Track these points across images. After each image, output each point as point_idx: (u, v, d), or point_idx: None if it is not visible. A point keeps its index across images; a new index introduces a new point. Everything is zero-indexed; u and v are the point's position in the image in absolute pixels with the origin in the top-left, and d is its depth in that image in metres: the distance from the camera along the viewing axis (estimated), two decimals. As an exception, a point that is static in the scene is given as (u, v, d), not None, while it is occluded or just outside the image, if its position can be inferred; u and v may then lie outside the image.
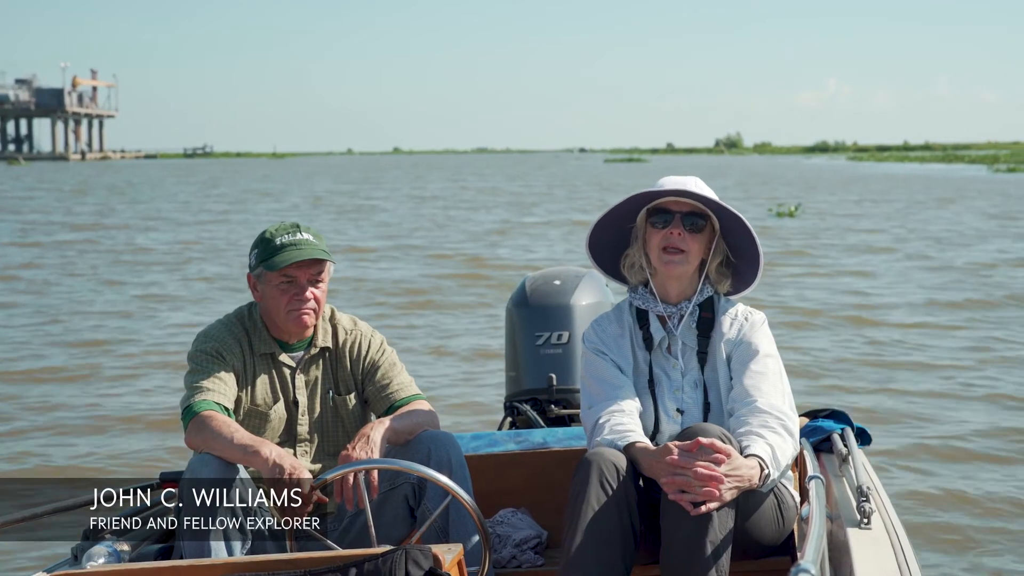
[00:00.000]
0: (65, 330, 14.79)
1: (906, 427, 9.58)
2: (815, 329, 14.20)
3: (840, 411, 5.03)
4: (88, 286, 19.01)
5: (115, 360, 12.80)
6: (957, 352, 12.64)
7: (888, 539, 3.54)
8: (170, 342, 13.65)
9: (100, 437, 9.79)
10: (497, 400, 9.29)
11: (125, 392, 11.43)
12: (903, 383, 11.10)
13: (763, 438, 3.73)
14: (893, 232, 27.77)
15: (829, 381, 11.20)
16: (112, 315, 15.96)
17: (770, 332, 4.05)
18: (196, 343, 4.14)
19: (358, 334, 4.26)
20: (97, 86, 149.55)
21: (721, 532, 3.58)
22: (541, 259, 21.41)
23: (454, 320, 15.23)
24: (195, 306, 16.66)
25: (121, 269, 21.41)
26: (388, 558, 3.16)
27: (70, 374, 12.26)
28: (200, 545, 3.74)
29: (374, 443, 3.92)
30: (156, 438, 9.68)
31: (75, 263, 22.47)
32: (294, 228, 4.13)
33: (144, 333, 14.44)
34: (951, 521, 7.41)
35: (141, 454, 9.25)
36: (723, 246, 4.01)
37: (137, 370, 12.31)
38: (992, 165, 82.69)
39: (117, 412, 10.59)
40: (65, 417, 10.45)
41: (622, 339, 4.05)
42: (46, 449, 9.42)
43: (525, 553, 4.30)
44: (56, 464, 8.99)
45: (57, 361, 12.87)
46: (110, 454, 9.28)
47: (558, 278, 5.92)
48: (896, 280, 18.77)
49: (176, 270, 21.12)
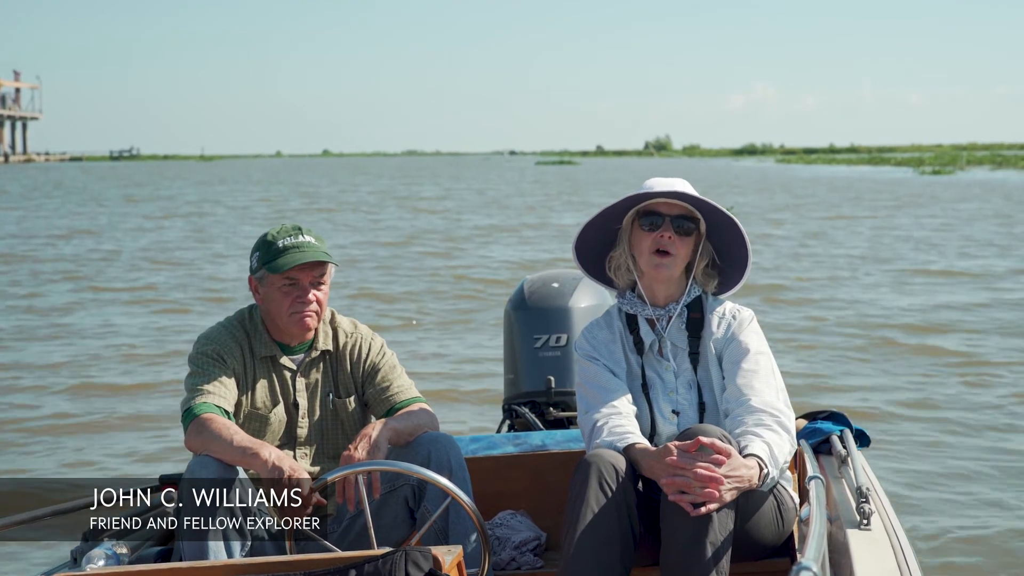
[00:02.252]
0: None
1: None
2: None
3: (838, 412, 5.04)
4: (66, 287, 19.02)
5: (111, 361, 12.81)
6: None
7: (888, 540, 3.54)
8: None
9: (99, 438, 9.79)
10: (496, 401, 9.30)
11: (125, 393, 11.44)
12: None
13: (760, 437, 3.73)
14: (797, 226, 27.78)
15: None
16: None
17: (760, 329, 4.05)
18: (197, 345, 4.14)
19: (358, 337, 4.27)
20: (20, 87, 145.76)
21: (721, 533, 3.58)
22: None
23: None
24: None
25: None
26: (388, 560, 3.16)
27: (68, 376, 12.27)
28: (200, 546, 3.74)
29: (376, 443, 3.93)
30: (156, 440, 9.68)
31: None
32: (296, 230, 4.13)
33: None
34: (951, 522, 7.42)
35: (141, 456, 9.25)
36: (709, 248, 4.01)
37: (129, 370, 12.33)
38: (918, 168, 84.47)
39: (117, 413, 10.59)
40: (63, 418, 10.46)
41: (613, 344, 4.05)
42: (45, 450, 9.42)
43: (524, 555, 4.31)
44: (55, 466, 8.99)
45: (55, 361, 12.91)
46: (109, 455, 9.28)
47: (556, 280, 5.92)
48: (839, 281, 18.83)
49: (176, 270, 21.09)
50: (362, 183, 68.14)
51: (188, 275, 20.86)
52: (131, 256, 24.36)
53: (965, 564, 6.76)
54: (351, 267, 20.26)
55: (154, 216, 37.52)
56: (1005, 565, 6.75)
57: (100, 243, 27.56)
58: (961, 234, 27.30)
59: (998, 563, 6.78)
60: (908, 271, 19.87)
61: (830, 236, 27.20)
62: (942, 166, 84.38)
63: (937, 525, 7.36)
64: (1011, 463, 8.60)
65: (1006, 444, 9.10)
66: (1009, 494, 7.90)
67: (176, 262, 23.04)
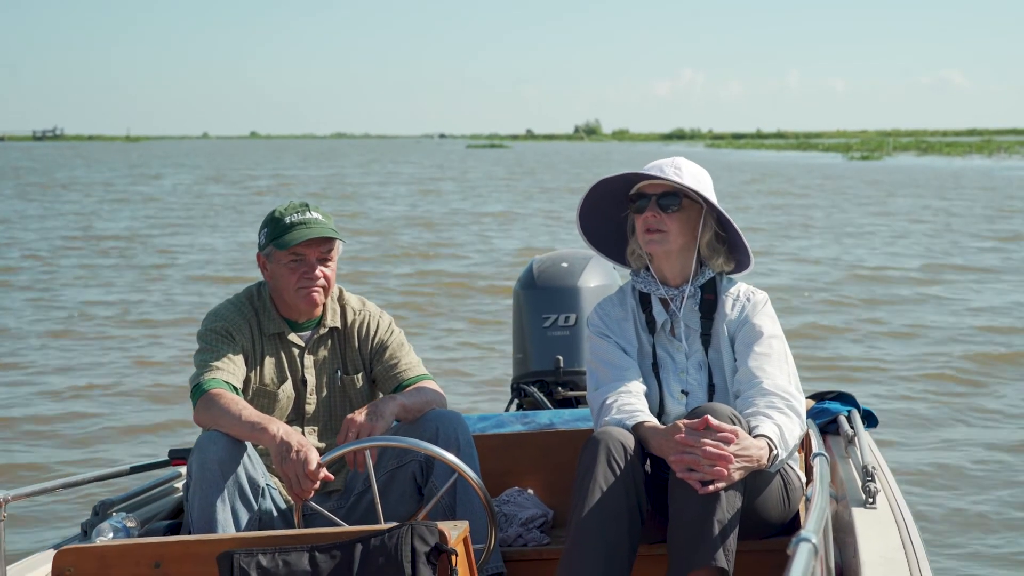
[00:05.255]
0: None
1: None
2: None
3: (847, 393, 5.05)
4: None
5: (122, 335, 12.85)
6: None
7: (893, 519, 3.55)
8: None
9: (110, 414, 9.83)
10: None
11: (135, 368, 11.48)
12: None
13: (771, 418, 3.73)
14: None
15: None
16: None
17: (773, 312, 4.05)
18: (205, 322, 4.15)
19: (367, 314, 4.28)
20: None
21: (729, 511, 3.59)
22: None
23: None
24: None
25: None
26: (394, 534, 3.18)
27: (77, 350, 12.33)
28: (208, 521, 3.77)
29: (380, 413, 3.94)
30: (165, 415, 9.72)
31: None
32: (303, 207, 4.14)
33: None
34: (957, 502, 7.42)
35: (150, 431, 9.29)
36: (712, 222, 4.01)
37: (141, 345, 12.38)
38: (847, 153, 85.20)
39: (127, 389, 10.64)
40: (75, 394, 10.50)
41: (625, 322, 4.06)
42: (56, 426, 9.47)
43: (531, 531, 4.32)
44: (66, 440, 9.04)
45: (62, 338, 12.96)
46: (120, 430, 9.33)
47: (565, 260, 5.92)
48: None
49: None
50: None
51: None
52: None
53: (972, 543, 6.77)
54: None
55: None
56: (1009, 542, 6.76)
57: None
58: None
59: (1004, 541, 6.79)
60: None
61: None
62: (870, 151, 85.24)
63: (944, 503, 7.37)
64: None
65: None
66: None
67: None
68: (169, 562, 3.24)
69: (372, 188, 43.46)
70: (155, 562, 3.24)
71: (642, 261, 4.06)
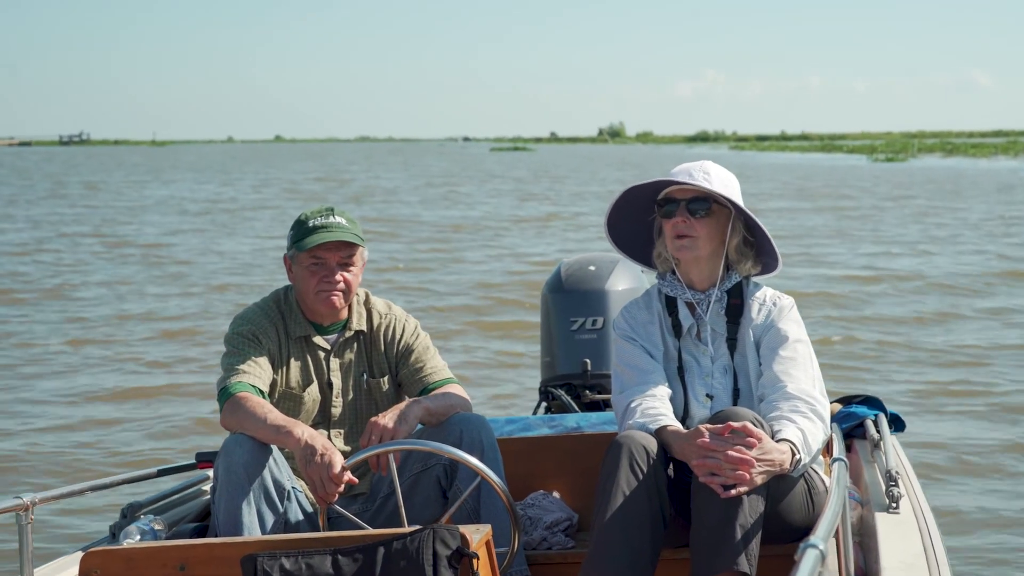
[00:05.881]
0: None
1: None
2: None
3: (874, 397, 5.04)
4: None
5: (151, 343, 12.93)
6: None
7: (916, 523, 3.54)
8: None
9: (138, 418, 9.90)
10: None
11: (162, 373, 11.55)
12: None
13: (794, 423, 3.73)
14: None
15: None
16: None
17: (799, 317, 4.04)
18: (233, 326, 4.19)
19: (392, 318, 4.30)
20: None
21: (751, 516, 3.59)
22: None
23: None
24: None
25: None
26: (415, 537, 3.19)
27: (103, 355, 12.43)
28: (234, 524, 3.79)
29: (405, 416, 3.96)
30: (193, 419, 9.78)
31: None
32: (327, 211, 4.17)
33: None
34: (984, 507, 7.38)
35: (178, 435, 9.35)
36: (740, 226, 4.01)
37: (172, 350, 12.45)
38: (871, 155, 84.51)
39: (155, 393, 10.71)
40: (103, 398, 10.58)
41: (651, 325, 4.06)
42: (85, 429, 9.54)
43: (556, 535, 4.33)
44: (95, 444, 9.10)
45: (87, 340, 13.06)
46: (148, 434, 9.39)
47: (593, 263, 5.93)
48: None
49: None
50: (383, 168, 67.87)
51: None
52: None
53: (996, 549, 6.73)
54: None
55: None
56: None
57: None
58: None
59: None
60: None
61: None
62: (895, 153, 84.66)
63: (969, 510, 7.33)
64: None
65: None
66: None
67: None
68: (194, 565, 3.27)
69: (399, 192, 43.50)
70: (180, 564, 3.27)
71: (668, 264, 4.07)
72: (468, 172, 63.54)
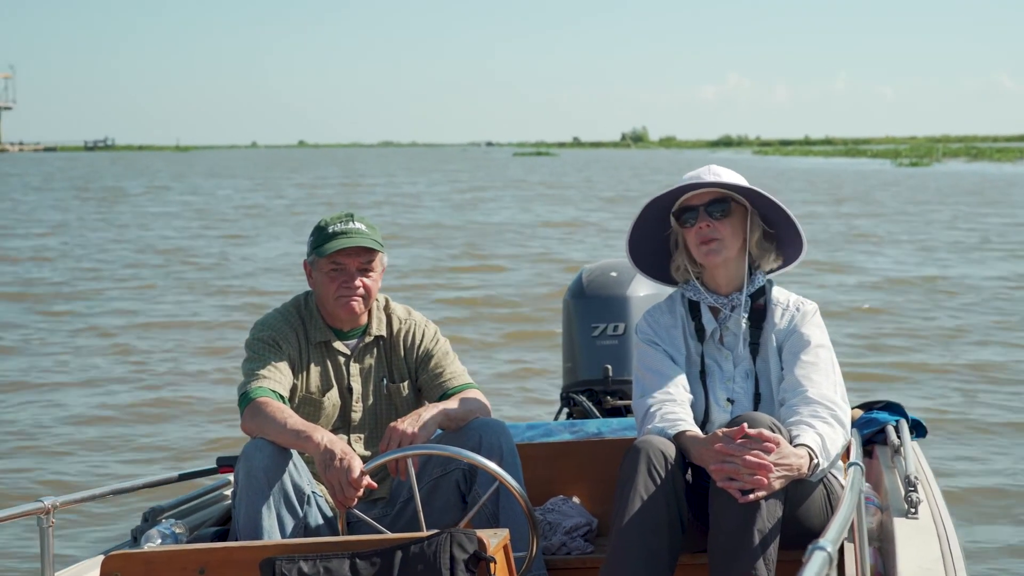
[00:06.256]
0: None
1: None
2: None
3: (895, 403, 5.03)
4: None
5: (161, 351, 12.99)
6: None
7: (935, 529, 3.53)
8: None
9: (158, 422, 9.95)
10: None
11: (183, 378, 11.61)
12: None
13: (813, 428, 3.73)
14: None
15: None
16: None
17: (822, 322, 4.04)
18: (253, 331, 4.22)
19: (412, 323, 4.32)
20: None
21: (769, 521, 3.58)
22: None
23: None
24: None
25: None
26: (433, 542, 3.21)
27: (124, 360, 12.49)
28: (254, 528, 3.82)
29: (424, 422, 3.97)
30: (214, 423, 9.82)
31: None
32: (347, 217, 4.20)
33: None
34: (1009, 510, 7.35)
35: (199, 439, 9.39)
36: (758, 221, 4.02)
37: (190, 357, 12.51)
38: (895, 159, 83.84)
39: (176, 398, 10.76)
40: (124, 402, 10.64)
41: (674, 329, 4.06)
42: (105, 433, 9.59)
43: (575, 540, 4.33)
44: (115, 448, 9.15)
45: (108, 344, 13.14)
46: (169, 439, 9.44)
47: (615, 270, 5.95)
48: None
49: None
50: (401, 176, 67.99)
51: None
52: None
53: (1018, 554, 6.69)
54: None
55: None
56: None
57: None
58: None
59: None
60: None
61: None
62: (919, 158, 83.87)
63: (992, 514, 7.29)
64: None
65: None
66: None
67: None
68: (213, 568, 3.29)
69: (422, 197, 43.57)
70: (199, 568, 3.29)
71: (687, 275, 4.07)
72: (490, 177, 63.56)
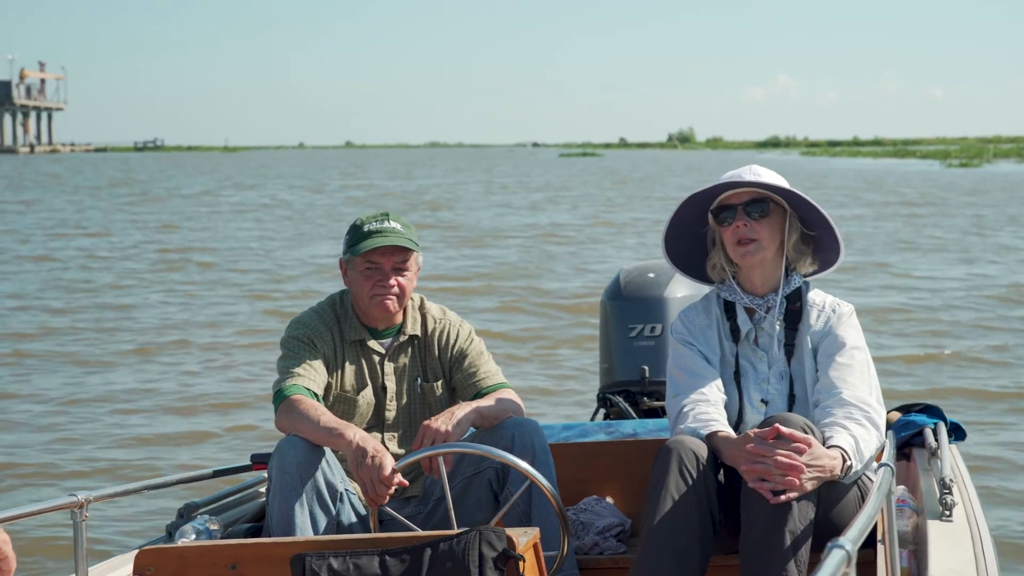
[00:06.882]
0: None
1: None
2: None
3: (934, 406, 4.99)
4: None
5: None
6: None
7: (968, 532, 3.51)
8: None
9: (193, 418, 10.03)
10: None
11: (219, 375, 11.69)
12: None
13: (847, 429, 3.71)
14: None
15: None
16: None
17: (858, 324, 4.01)
18: (289, 329, 4.24)
19: (447, 323, 4.33)
20: (45, 78, 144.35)
21: (801, 522, 3.57)
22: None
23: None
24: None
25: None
26: (462, 539, 3.21)
27: (163, 359, 12.59)
28: (287, 524, 3.84)
29: (457, 420, 3.98)
30: (248, 421, 9.90)
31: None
32: (383, 216, 4.22)
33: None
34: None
35: (233, 436, 9.45)
36: (796, 223, 3.99)
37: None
38: (945, 160, 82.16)
39: (211, 394, 10.84)
40: (159, 399, 10.73)
41: (709, 330, 4.05)
42: (141, 429, 9.67)
43: (607, 540, 4.33)
44: (151, 444, 9.23)
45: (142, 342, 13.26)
46: (204, 435, 9.51)
47: (652, 271, 5.94)
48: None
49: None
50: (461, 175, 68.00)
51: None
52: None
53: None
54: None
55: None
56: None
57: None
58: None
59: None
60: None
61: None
62: (969, 159, 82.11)
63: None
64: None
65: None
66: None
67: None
68: (245, 564, 3.31)
69: (468, 198, 43.62)
70: (231, 564, 3.32)
71: (723, 274, 4.05)
72: (535, 177, 63.55)
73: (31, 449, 9.05)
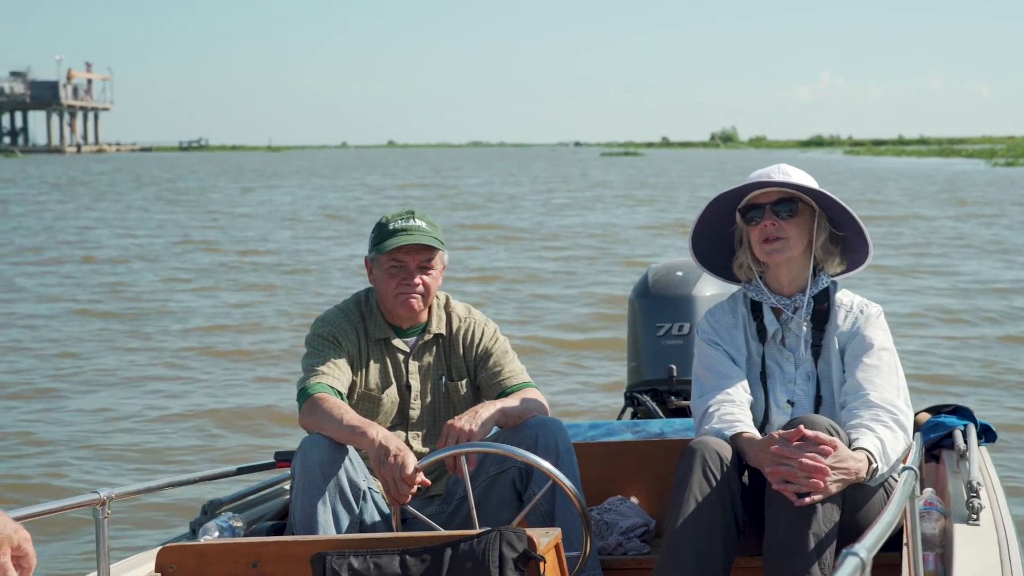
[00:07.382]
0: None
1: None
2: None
3: (964, 407, 4.94)
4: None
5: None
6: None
7: (995, 536, 3.47)
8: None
9: (218, 417, 10.06)
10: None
11: (244, 374, 11.73)
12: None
13: (873, 431, 3.68)
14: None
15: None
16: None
17: (886, 325, 3.98)
18: (313, 327, 4.24)
19: (472, 322, 4.32)
20: (92, 79, 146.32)
21: (826, 525, 3.54)
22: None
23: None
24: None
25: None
26: (482, 539, 3.20)
27: (184, 355, 12.64)
28: (310, 522, 3.84)
29: (480, 418, 3.97)
30: (274, 419, 9.92)
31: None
32: (408, 215, 4.21)
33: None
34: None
35: (258, 434, 9.48)
36: (825, 223, 3.96)
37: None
38: (990, 159, 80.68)
39: (236, 393, 10.87)
40: (184, 396, 10.77)
41: (736, 330, 4.02)
42: (165, 427, 9.71)
43: (631, 540, 4.31)
44: (175, 440, 9.26)
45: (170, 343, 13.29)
46: (227, 431, 9.54)
47: (680, 269, 5.91)
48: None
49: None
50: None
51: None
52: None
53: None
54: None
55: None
56: None
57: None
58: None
59: None
60: None
61: None
62: (1015, 158, 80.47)
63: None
64: None
65: None
66: None
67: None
68: (266, 562, 3.31)
69: (510, 197, 43.58)
70: (253, 561, 3.32)
71: (750, 273, 4.03)
72: (576, 177, 63.46)
73: (60, 446, 9.11)
